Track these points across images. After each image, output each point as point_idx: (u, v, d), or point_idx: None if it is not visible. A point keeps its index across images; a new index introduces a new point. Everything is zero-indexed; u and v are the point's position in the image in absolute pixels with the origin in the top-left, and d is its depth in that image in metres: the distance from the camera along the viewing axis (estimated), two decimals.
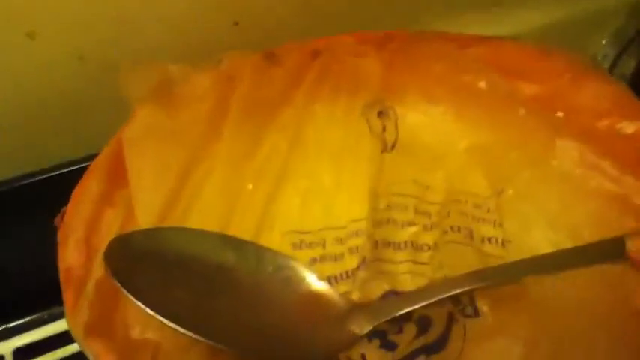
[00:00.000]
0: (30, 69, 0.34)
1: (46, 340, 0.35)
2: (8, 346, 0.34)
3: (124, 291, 0.19)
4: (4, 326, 0.35)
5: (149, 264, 0.21)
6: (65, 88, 0.35)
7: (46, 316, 0.36)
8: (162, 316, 0.18)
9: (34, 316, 0.36)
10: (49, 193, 0.25)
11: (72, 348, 0.34)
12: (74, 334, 0.20)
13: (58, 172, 0.33)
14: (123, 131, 0.26)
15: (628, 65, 0.49)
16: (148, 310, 0.18)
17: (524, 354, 0.18)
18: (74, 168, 0.33)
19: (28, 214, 0.33)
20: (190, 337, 0.19)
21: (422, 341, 0.19)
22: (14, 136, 0.36)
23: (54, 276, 0.22)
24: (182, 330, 0.18)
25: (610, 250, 0.21)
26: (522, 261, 0.22)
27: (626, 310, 0.19)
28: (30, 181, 0.33)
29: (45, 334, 0.35)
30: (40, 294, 0.33)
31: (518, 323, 0.20)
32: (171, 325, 0.18)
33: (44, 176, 0.33)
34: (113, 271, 0.19)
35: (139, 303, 0.19)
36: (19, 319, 0.36)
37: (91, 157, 0.27)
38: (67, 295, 0.21)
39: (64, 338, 0.34)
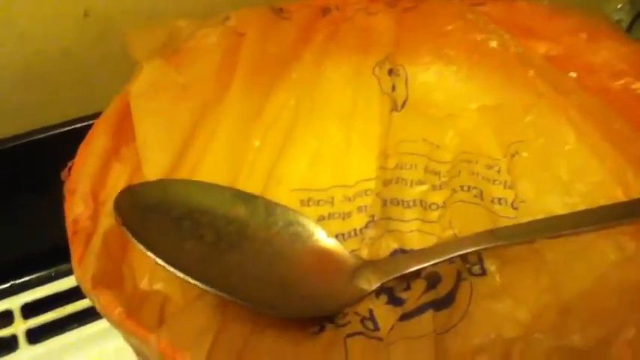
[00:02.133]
0: (33, 25, 0.33)
1: (54, 296, 0.35)
2: (16, 302, 0.35)
3: (134, 241, 0.19)
4: (12, 282, 0.35)
5: (159, 215, 0.20)
6: (69, 45, 0.35)
7: (53, 274, 0.36)
8: (172, 267, 0.18)
9: (42, 273, 0.36)
10: (57, 149, 0.25)
11: (80, 304, 0.34)
12: (82, 285, 0.20)
13: (66, 129, 0.33)
14: (130, 86, 0.26)
15: None
16: (158, 260, 0.18)
17: (529, 320, 0.18)
18: (82, 125, 0.32)
19: (36, 170, 0.33)
20: (199, 288, 0.19)
21: (431, 296, 0.19)
22: (18, 92, 0.35)
23: (62, 233, 0.22)
24: (192, 281, 0.18)
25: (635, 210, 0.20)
26: (535, 222, 0.22)
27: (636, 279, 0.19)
28: (38, 137, 0.33)
29: (53, 291, 0.35)
30: (49, 251, 0.34)
31: (526, 286, 0.19)
32: (181, 275, 0.18)
33: (53, 132, 0.33)
34: (123, 221, 0.19)
35: (149, 253, 0.18)
36: (27, 275, 0.36)
37: (97, 115, 0.27)
38: (74, 247, 0.21)
39: (71, 295, 0.35)
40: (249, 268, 0.20)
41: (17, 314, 0.34)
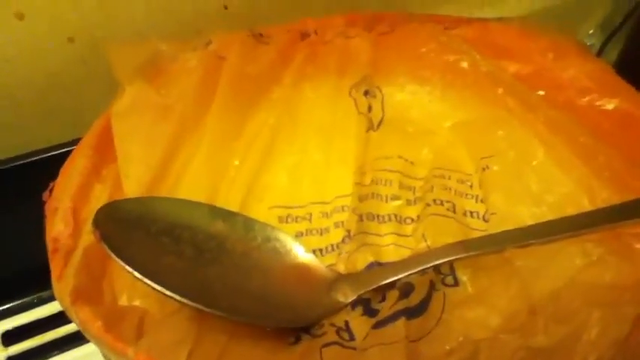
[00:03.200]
0: (18, 50, 0.34)
1: (35, 323, 0.35)
2: None
3: (112, 255, 0.19)
4: None
5: (138, 231, 0.21)
6: (54, 70, 0.35)
7: (35, 300, 0.36)
8: (149, 280, 0.19)
9: (23, 300, 0.36)
10: (37, 175, 0.25)
11: (61, 331, 0.34)
12: (61, 301, 0.20)
13: (46, 155, 0.33)
14: (111, 107, 0.27)
15: (613, 54, 0.50)
16: (136, 274, 0.19)
17: (501, 324, 0.19)
18: (63, 150, 0.33)
19: (16, 197, 0.33)
20: (177, 301, 0.19)
21: (403, 304, 0.20)
22: (3, 117, 0.36)
23: (43, 260, 0.22)
24: (168, 293, 0.19)
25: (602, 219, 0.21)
26: (504, 232, 0.22)
27: (604, 284, 0.19)
28: (17, 163, 0.33)
29: (33, 318, 0.35)
30: (30, 278, 0.34)
31: (497, 294, 0.20)
32: (158, 288, 0.19)
33: (32, 159, 0.34)
34: (102, 236, 0.19)
35: (126, 267, 0.19)
36: (8, 302, 0.36)
37: (78, 142, 0.27)
38: (54, 264, 0.21)
39: (52, 322, 0.35)
40: (228, 280, 0.21)
41: None
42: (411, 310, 0.19)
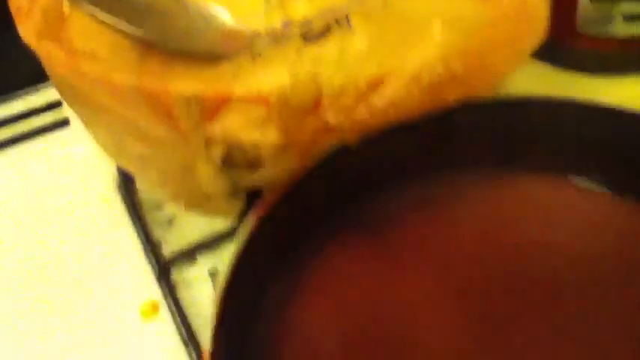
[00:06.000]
0: None
1: None
2: None
3: None
4: None
5: None
6: None
7: None
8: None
9: None
10: None
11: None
12: (28, 41, 0.25)
13: None
14: None
15: None
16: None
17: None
18: None
19: None
20: (123, 31, 0.24)
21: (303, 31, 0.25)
22: None
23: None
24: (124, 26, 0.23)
25: None
26: None
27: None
28: None
29: None
30: None
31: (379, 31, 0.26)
32: (109, 18, 0.23)
33: None
34: None
35: None
36: None
37: None
38: (18, 19, 0.26)
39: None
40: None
41: None
42: (308, 35, 0.25)
